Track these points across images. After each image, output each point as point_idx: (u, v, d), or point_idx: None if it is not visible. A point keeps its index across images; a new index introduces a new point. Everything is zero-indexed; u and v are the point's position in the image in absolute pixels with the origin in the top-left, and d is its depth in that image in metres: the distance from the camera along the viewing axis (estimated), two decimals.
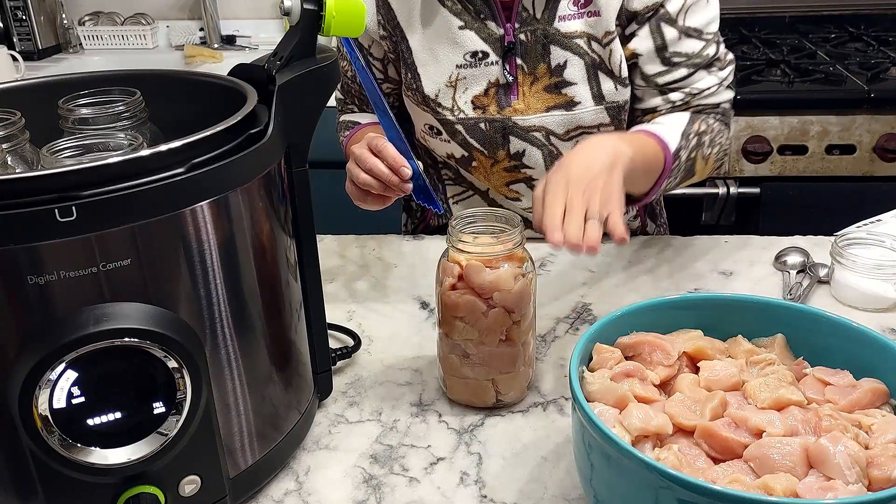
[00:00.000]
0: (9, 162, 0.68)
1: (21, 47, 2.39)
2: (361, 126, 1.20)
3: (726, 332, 0.73)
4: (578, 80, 1.07)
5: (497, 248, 0.76)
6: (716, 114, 1.10)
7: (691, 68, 1.06)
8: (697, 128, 1.04)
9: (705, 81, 1.07)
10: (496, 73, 1.08)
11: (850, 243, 1.01)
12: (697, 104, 1.08)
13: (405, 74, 1.13)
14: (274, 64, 0.71)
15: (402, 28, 1.10)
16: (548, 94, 1.08)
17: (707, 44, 1.06)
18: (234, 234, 0.63)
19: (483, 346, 0.78)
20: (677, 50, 1.05)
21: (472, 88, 1.10)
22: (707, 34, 1.06)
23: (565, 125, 1.10)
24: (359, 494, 0.73)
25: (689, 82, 1.07)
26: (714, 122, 1.08)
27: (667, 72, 1.06)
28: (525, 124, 1.10)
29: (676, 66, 1.06)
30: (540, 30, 1.06)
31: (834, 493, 0.54)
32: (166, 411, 0.60)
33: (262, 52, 1.36)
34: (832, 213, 1.35)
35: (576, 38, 1.06)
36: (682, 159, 1.01)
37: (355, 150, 0.96)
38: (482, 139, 1.12)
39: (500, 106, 1.10)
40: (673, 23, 1.04)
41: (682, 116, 1.06)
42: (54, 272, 0.54)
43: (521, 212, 1.19)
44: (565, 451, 0.77)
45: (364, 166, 0.93)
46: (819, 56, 2.02)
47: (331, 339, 0.85)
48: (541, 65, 1.07)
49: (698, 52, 1.06)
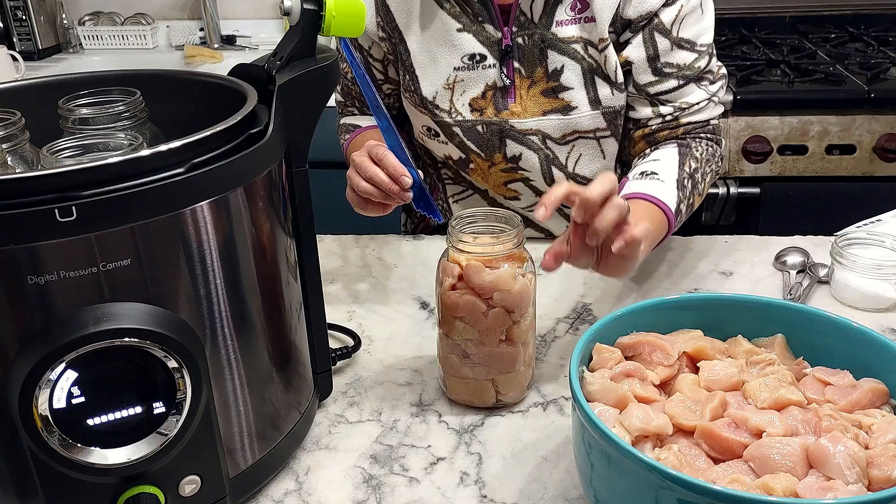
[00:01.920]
0: (9, 162, 0.68)
1: (21, 47, 2.39)
2: (362, 130, 1.19)
3: (726, 332, 0.73)
4: (575, 85, 1.07)
5: (497, 248, 0.76)
6: (705, 133, 1.08)
7: (681, 80, 1.05)
8: (688, 169, 1.02)
9: (695, 95, 1.06)
10: (494, 76, 1.08)
11: (850, 243, 1.01)
12: (687, 121, 1.07)
13: (403, 77, 1.13)
14: (274, 64, 0.71)
15: (401, 30, 1.10)
16: (545, 97, 1.08)
17: (699, 56, 1.05)
18: (234, 234, 0.63)
19: (483, 346, 0.78)
20: (668, 60, 1.05)
21: (469, 91, 1.10)
22: (700, 46, 1.05)
23: (562, 129, 1.10)
24: (359, 494, 0.73)
25: (679, 95, 1.06)
26: (702, 150, 1.06)
27: (657, 82, 1.06)
28: (522, 127, 1.10)
29: (667, 76, 1.05)
30: (538, 34, 1.06)
31: (834, 493, 0.54)
32: (166, 411, 0.60)
33: (262, 52, 1.36)
34: (832, 213, 1.35)
35: (572, 44, 1.06)
36: (682, 213, 1.00)
37: (356, 157, 0.95)
38: (479, 142, 1.12)
39: (498, 109, 1.10)
40: (666, 33, 1.04)
41: (672, 160, 1.03)
42: (54, 272, 0.54)
43: (520, 210, 1.19)
44: (565, 451, 0.77)
45: (364, 174, 0.92)
46: (819, 56, 2.02)
47: (331, 339, 0.85)
48: (538, 69, 1.07)
49: (689, 63, 1.05)
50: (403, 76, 1.13)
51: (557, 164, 1.13)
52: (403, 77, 1.13)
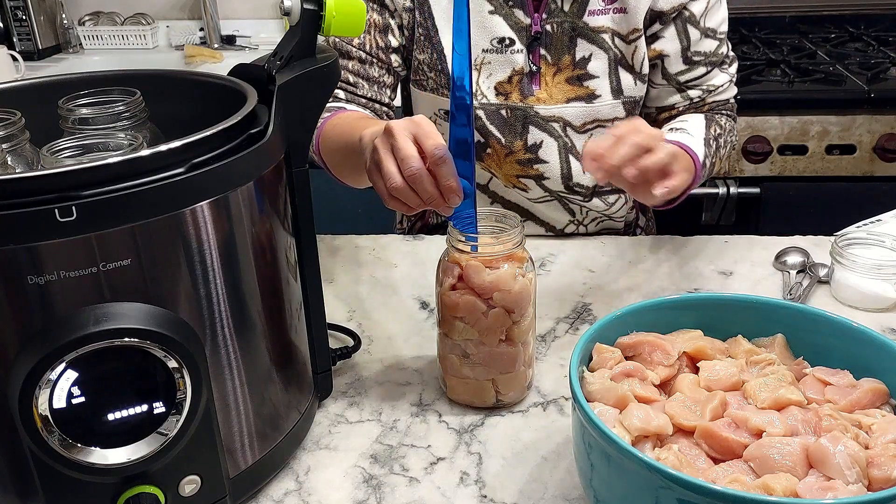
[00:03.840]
0: (9, 162, 0.68)
1: (21, 47, 2.39)
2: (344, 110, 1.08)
3: (726, 332, 0.73)
4: (601, 74, 1.10)
5: (497, 248, 0.76)
6: (726, 110, 1.17)
7: (708, 66, 1.13)
8: (714, 132, 1.09)
9: (719, 79, 1.15)
10: (521, 62, 1.09)
11: (850, 243, 1.01)
12: (712, 101, 1.15)
13: (428, 54, 1.11)
14: (274, 64, 0.71)
15: (430, 3, 1.09)
16: (569, 85, 1.10)
17: (721, 43, 1.13)
18: (234, 234, 0.63)
19: (483, 346, 0.78)
20: (698, 49, 1.11)
21: (495, 74, 1.11)
22: (720, 34, 1.13)
23: (583, 117, 1.12)
24: (359, 494, 0.73)
25: (706, 80, 1.14)
26: (724, 120, 1.14)
27: (687, 70, 1.13)
28: (546, 114, 1.11)
29: (696, 64, 1.12)
30: (568, 22, 1.08)
31: (834, 493, 0.54)
32: (166, 411, 0.60)
33: (262, 52, 1.36)
34: (832, 213, 1.35)
35: (602, 33, 1.09)
36: (707, 167, 1.05)
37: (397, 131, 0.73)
38: (502, 126, 1.12)
39: (523, 94, 1.11)
40: (696, 24, 1.10)
41: (699, 121, 1.11)
42: (54, 272, 0.54)
43: (526, 202, 1.19)
44: (565, 451, 0.77)
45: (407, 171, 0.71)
46: (819, 56, 2.02)
47: (331, 339, 0.85)
48: (565, 56, 1.09)
49: (714, 50, 1.12)
50: (427, 53, 1.11)
51: (575, 153, 1.15)
52: (427, 54, 1.11)
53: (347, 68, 1.13)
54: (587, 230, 1.24)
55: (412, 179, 0.71)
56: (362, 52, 1.12)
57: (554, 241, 1.18)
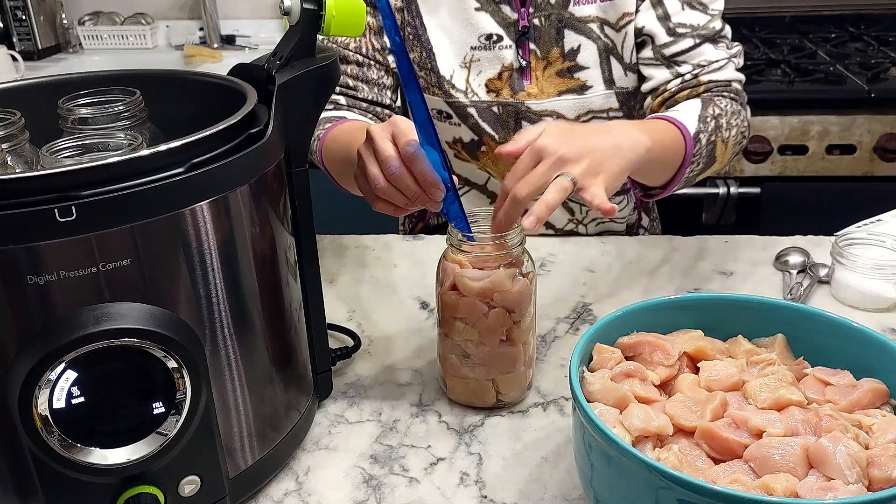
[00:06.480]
0: (9, 162, 0.68)
1: (21, 47, 2.39)
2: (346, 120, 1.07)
3: (726, 332, 0.73)
4: (591, 64, 1.09)
5: (497, 249, 0.76)
6: (728, 92, 1.09)
7: (697, 39, 1.08)
8: (712, 111, 1.03)
9: (713, 54, 1.09)
10: (510, 57, 1.09)
11: (850, 243, 1.01)
12: (708, 80, 1.08)
13: (418, 53, 1.12)
14: (274, 64, 0.71)
15: (418, 2, 1.10)
16: (560, 78, 1.10)
17: (713, 18, 1.08)
18: (234, 234, 0.63)
19: (483, 346, 0.78)
20: (681, 21, 1.07)
21: (485, 71, 1.10)
22: (712, 10, 1.08)
23: (577, 110, 1.11)
24: (359, 494, 0.72)
25: (697, 54, 1.08)
26: (727, 102, 1.07)
27: (673, 42, 1.08)
28: (538, 108, 1.11)
29: (682, 36, 1.08)
30: (554, 14, 1.07)
31: (834, 493, 0.54)
32: (166, 411, 0.60)
33: (262, 52, 1.36)
34: (832, 213, 1.35)
35: (589, 23, 1.08)
36: (702, 143, 1.00)
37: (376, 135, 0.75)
38: (494, 123, 1.12)
39: (514, 90, 1.11)
40: None
41: (695, 102, 1.05)
42: (54, 272, 0.54)
43: None
44: (565, 452, 0.76)
45: (387, 170, 0.73)
46: (819, 56, 2.02)
47: (331, 339, 0.85)
48: (554, 49, 1.08)
49: (703, 24, 1.08)
50: (418, 53, 1.12)
51: None
52: (418, 54, 1.12)
53: (346, 72, 1.13)
54: (587, 230, 1.24)
55: (393, 179, 0.73)
56: (359, 55, 1.13)
57: (554, 240, 1.18)
